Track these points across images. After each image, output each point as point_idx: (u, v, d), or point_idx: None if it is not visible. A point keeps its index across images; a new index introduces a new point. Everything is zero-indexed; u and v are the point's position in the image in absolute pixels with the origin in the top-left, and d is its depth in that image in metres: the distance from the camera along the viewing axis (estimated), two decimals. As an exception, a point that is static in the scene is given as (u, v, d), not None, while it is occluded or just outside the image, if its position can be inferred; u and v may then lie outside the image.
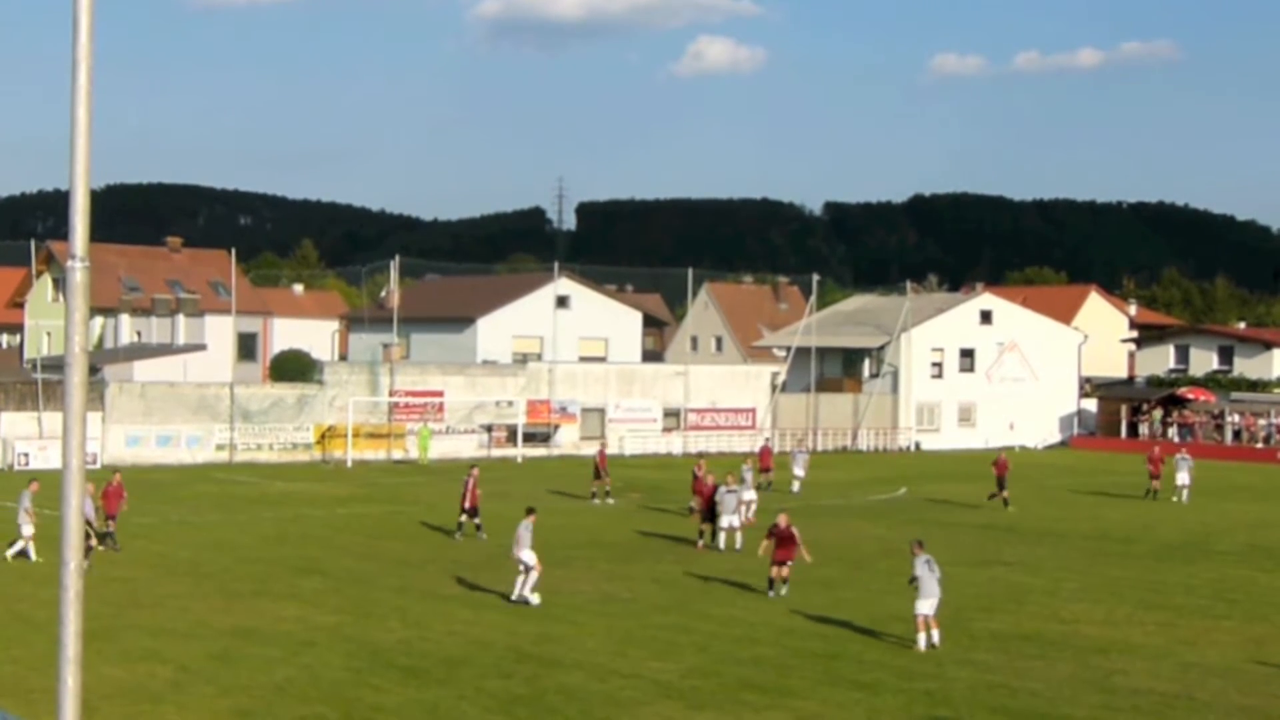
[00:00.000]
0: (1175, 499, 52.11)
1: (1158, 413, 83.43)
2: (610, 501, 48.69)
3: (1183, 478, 52.68)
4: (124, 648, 23.23)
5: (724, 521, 36.51)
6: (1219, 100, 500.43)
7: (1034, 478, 62.81)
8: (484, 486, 51.47)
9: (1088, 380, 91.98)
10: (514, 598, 28.25)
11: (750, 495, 41.63)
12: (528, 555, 28.26)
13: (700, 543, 37.14)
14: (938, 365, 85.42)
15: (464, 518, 38.62)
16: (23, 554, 32.66)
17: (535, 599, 28.04)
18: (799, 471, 54.16)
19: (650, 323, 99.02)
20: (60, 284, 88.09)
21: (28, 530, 32.45)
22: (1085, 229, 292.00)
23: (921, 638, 24.11)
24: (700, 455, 54.22)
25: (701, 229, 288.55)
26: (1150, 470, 54.13)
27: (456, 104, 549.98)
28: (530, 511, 29.68)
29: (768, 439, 50.32)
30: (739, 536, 36.64)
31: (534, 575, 28.22)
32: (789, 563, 29.46)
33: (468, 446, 68.93)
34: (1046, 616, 27.94)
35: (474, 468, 40.42)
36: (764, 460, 54.05)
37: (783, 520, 29.65)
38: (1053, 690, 21.42)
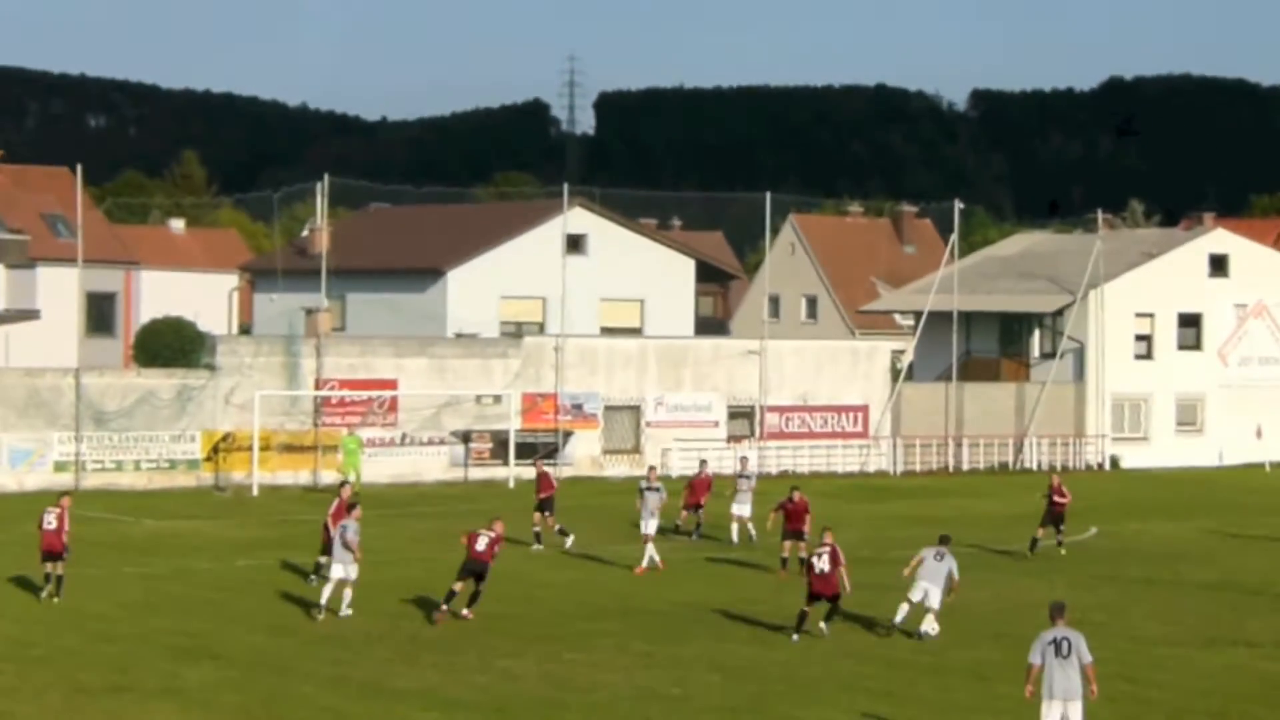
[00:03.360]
0: None
1: None
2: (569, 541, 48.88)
3: None
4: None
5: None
6: None
7: (1292, 510, 62.45)
8: (449, 522, 51.79)
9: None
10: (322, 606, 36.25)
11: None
12: (349, 569, 36.44)
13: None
14: (1144, 339, 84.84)
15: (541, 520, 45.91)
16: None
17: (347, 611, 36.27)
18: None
19: (708, 275, 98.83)
20: None
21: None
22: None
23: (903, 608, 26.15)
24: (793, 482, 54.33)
25: (784, 133, 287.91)
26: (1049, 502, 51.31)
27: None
28: (351, 508, 37.83)
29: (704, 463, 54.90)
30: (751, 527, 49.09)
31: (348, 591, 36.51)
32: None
33: (434, 464, 68.89)
34: (1314, 725, 27.82)
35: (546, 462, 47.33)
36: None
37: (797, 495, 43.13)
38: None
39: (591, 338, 76.07)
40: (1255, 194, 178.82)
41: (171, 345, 67.72)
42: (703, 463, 54.97)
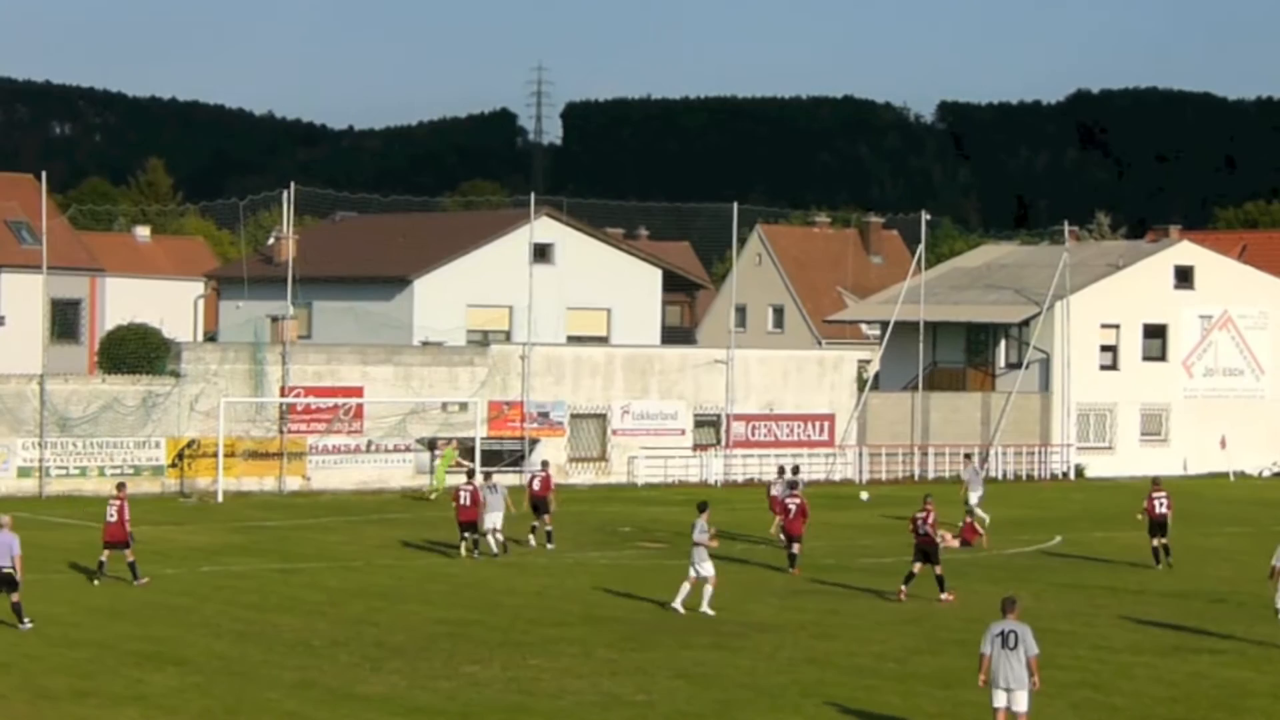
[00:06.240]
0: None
1: None
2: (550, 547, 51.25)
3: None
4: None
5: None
6: None
7: (1254, 520, 62.58)
8: (414, 529, 51.70)
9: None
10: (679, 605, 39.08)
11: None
12: (706, 566, 38.79)
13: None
14: (1110, 350, 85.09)
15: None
16: None
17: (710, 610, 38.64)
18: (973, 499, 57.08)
19: (675, 285, 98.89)
20: None
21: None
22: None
23: None
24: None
25: (753, 143, 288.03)
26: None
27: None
28: (702, 509, 39.81)
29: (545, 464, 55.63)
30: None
31: (709, 589, 38.98)
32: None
33: (399, 472, 68.84)
34: (1276, 731, 27.93)
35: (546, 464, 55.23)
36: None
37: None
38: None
39: (558, 346, 76.06)
40: (1220, 207, 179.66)
41: (137, 352, 67.62)
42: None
